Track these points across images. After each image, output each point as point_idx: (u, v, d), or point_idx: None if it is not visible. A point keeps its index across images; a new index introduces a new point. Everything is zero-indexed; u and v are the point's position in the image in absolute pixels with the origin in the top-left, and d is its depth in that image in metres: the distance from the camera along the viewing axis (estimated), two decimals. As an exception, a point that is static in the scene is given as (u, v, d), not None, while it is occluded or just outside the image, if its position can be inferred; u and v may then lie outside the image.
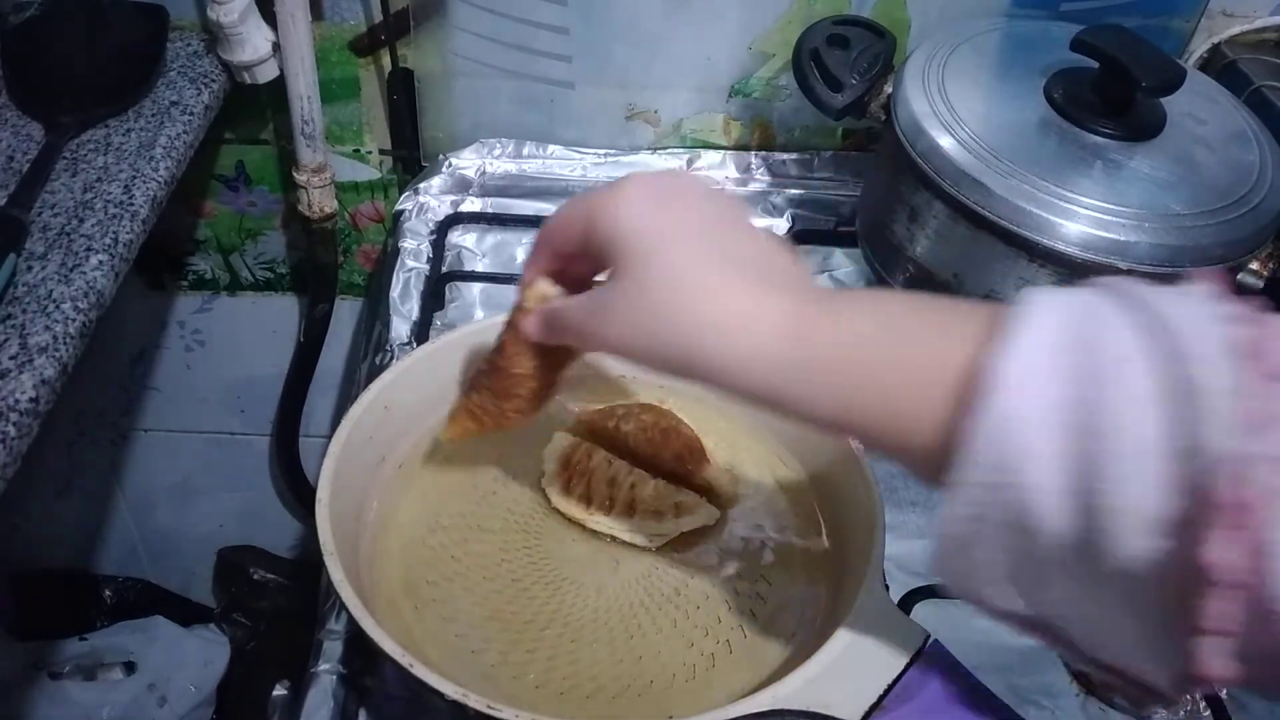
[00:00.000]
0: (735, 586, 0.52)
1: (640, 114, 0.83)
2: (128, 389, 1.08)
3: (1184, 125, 0.61)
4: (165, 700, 1.13)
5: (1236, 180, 0.58)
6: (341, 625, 0.51)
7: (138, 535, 1.25)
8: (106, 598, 1.27)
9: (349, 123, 0.86)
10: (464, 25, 0.78)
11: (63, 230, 0.59)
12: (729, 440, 0.59)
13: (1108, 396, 0.29)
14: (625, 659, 0.48)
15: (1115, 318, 0.30)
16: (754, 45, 0.79)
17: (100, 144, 0.67)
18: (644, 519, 0.53)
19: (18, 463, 0.49)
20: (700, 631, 0.49)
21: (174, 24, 0.76)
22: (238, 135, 0.87)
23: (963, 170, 0.58)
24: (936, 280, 0.62)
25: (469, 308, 0.72)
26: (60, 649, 1.15)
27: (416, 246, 0.76)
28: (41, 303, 0.54)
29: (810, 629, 0.49)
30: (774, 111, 0.83)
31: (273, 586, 1.23)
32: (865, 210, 0.71)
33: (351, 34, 0.80)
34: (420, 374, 0.56)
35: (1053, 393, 0.29)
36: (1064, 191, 0.56)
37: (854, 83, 0.66)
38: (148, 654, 1.16)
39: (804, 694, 0.41)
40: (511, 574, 0.51)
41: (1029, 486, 0.29)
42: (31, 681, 1.10)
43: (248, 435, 1.13)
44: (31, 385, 0.50)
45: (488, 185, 0.82)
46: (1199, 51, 0.79)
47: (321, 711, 0.48)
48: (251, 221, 0.94)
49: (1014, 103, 0.61)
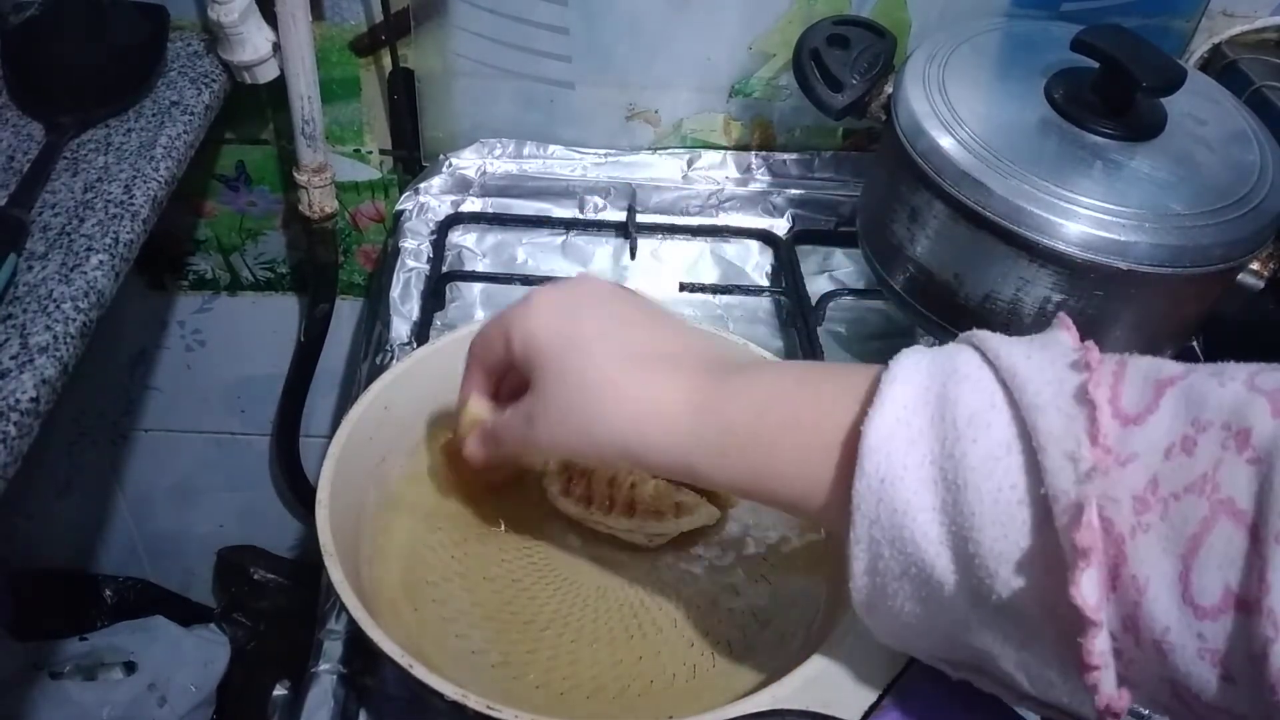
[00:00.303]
0: (735, 586, 0.52)
1: (640, 114, 0.83)
2: (128, 389, 1.08)
3: (1184, 125, 0.61)
4: (165, 700, 1.13)
5: (1237, 180, 0.58)
6: (341, 625, 0.51)
7: (138, 535, 1.25)
8: (106, 598, 1.27)
9: (349, 123, 0.86)
10: (464, 25, 0.78)
11: (63, 230, 0.59)
12: (729, 440, 0.58)
13: (967, 450, 0.31)
14: (625, 659, 0.48)
15: (974, 372, 0.32)
16: (754, 45, 0.79)
17: (101, 144, 0.67)
18: (644, 519, 0.53)
19: (18, 462, 0.49)
20: (700, 631, 0.49)
21: (174, 24, 0.76)
22: (238, 135, 0.87)
23: (963, 170, 0.58)
24: (937, 280, 0.62)
25: (469, 308, 0.72)
26: (60, 649, 1.15)
27: (417, 246, 0.76)
28: (42, 302, 0.54)
29: (810, 629, 0.49)
30: (774, 111, 0.83)
31: (273, 586, 1.23)
32: (865, 210, 0.71)
33: (352, 34, 0.80)
34: (420, 375, 0.56)
35: (921, 450, 0.32)
36: (1064, 191, 0.56)
37: (854, 83, 0.66)
38: (148, 654, 1.16)
39: (804, 694, 0.41)
40: (511, 574, 0.51)
41: (915, 538, 0.32)
42: (31, 681, 1.10)
43: (248, 435, 1.13)
44: (32, 385, 0.50)
45: (488, 185, 0.82)
46: (1199, 51, 0.79)
47: (321, 712, 0.48)
48: (252, 221, 0.94)
49: (1014, 103, 0.61)
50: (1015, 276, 0.58)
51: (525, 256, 0.77)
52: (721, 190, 0.82)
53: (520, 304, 0.44)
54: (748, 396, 0.38)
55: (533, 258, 0.77)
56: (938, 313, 0.63)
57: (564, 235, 0.79)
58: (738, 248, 0.80)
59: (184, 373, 1.07)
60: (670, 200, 0.82)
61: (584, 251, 0.78)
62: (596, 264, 0.77)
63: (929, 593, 0.33)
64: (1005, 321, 0.59)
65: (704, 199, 0.82)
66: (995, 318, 0.59)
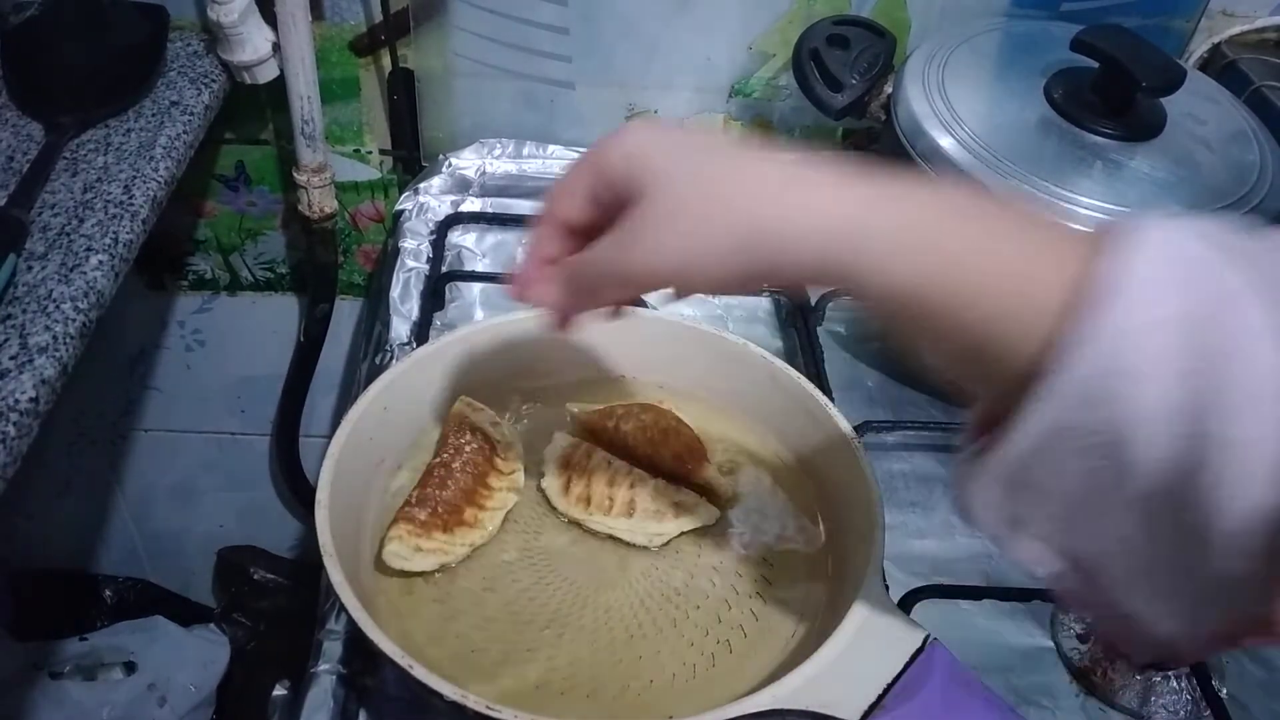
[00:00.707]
0: (735, 586, 0.52)
1: (640, 114, 0.83)
2: (128, 389, 1.08)
3: (1184, 125, 0.61)
4: (165, 700, 1.13)
5: (1237, 180, 0.58)
6: (341, 625, 0.51)
7: (138, 535, 1.25)
8: (106, 598, 1.27)
9: (349, 123, 0.86)
10: (464, 25, 0.78)
11: (63, 230, 0.59)
12: (729, 440, 0.58)
13: (1231, 322, 0.26)
14: (625, 659, 0.48)
15: (1228, 252, 0.28)
16: (754, 45, 0.79)
17: (100, 144, 0.66)
18: (644, 519, 0.53)
19: (18, 463, 0.48)
20: (700, 631, 0.49)
21: (174, 24, 0.76)
22: (238, 135, 0.87)
23: (963, 170, 0.58)
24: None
25: (469, 308, 0.72)
26: (60, 649, 1.14)
27: (416, 246, 0.76)
28: (41, 303, 0.54)
29: (810, 629, 0.49)
30: (774, 111, 0.83)
31: (273, 586, 1.23)
32: (865, 210, 0.70)
33: (352, 34, 0.80)
34: (420, 375, 0.56)
35: (1173, 306, 0.27)
36: (1064, 191, 0.56)
37: (854, 83, 0.66)
38: (148, 654, 1.15)
39: (804, 694, 0.41)
40: (511, 574, 0.51)
41: (1132, 405, 0.27)
42: (31, 681, 1.10)
43: (248, 435, 1.13)
44: (31, 385, 0.50)
45: (488, 185, 0.82)
46: (1199, 51, 0.79)
47: (321, 712, 0.48)
48: (252, 221, 0.94)
49: (1014, 103, 0.61)
50: (1015, 276, 0.58)
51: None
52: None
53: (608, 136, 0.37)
54: (935, 200, 0.32)
55: (532, 258, 0.77)
56: (937, 313, 0.63)
57: (564, 235, 0.79)
58: (737, 248, 0.80)
59: (184, 373, 1.07)
60: (670, 200, 0.82)
61: (584, 251, 0.78)
62: (596, 264, 0.77)
63: (1107, 469, 0.28)
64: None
65: (704, 199, 0.82)
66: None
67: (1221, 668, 0.54)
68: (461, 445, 0.54)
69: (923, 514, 0.61)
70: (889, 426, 0.64)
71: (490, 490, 0.53)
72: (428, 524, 0.50)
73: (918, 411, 0.68)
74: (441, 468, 0.53)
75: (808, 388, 0.56)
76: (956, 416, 0.68)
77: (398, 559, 0.49)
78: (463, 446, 0.54)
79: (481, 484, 0.53)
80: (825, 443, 0.55)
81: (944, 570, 0.58)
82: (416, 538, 0.49)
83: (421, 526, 0.50)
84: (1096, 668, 0.53)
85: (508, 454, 0.55)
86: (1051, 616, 0.56)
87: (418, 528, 0.50)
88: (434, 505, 0.51)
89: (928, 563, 0.58)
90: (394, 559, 0.49)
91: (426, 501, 0.51)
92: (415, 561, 0.49)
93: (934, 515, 0.61)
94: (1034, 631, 0.55)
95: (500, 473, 0.54)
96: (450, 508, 0.51)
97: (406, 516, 0.50)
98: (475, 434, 0.55)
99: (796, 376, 0.57)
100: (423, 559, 0.49)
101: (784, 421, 0.57)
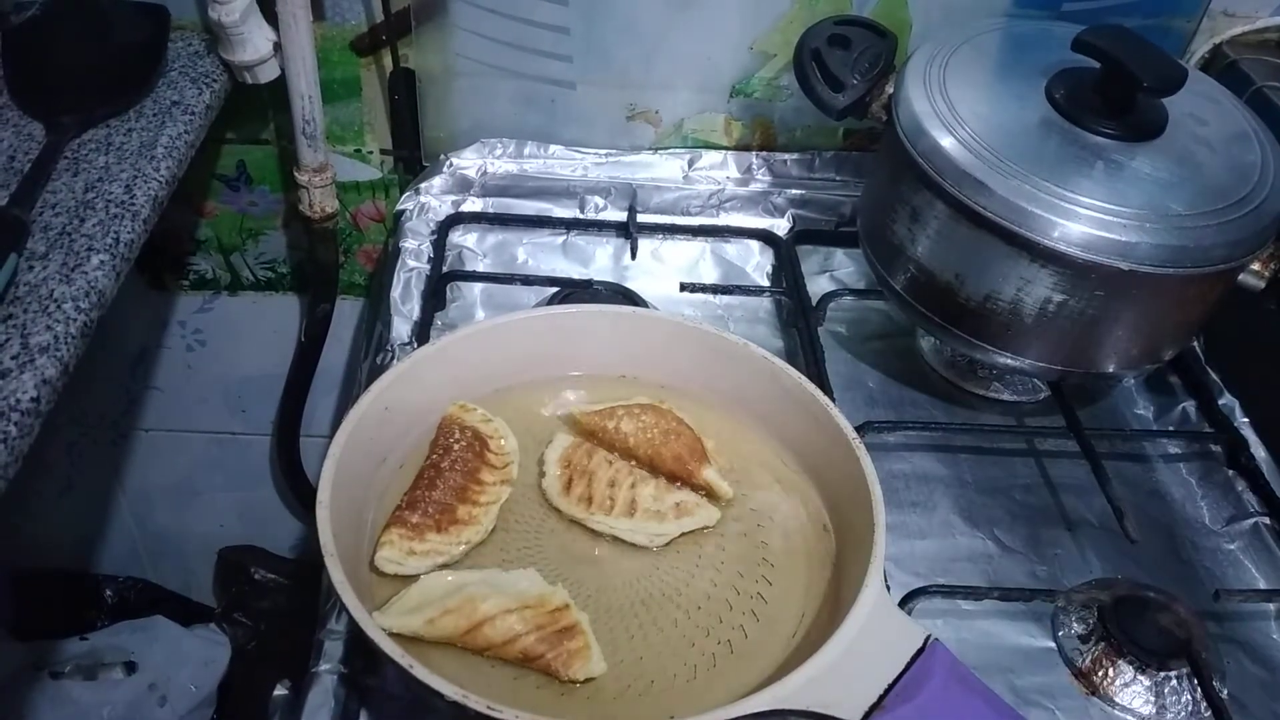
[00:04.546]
0: (735, 586, 0.52)
1: (641, 114, 0.83)
2: (128, 389, 1.08)
3: (1185, 126, 0.61)
4: (166, 700, 1.13)
5: (1238, 181, 0.58)
6: (342, 625, 0.51)
7: (138, 535, 1.25)
8: (107, 597, 1.27)
9: (350, 123, 0.86)
10: (465, 25, 0.78)
11: (64, 230, 0.59)
12: (729, 440, 0.58)
13: None
14: (625, 659, 0.48)
15: None
16: (755, 45, 0.79)
17: (101, 144, 0.67)
18: (644, 519, 0.53)
19: (19, 462, 0.48)
20: (700, 631, 0.49)
21: (175, 24, 0.76)
22: (239, 135, 0.87)
23: (964, 170, 0.58)
24: (938, 280, 0.62)
25: (470, 308, 0.72)
26: (60, 649, 1.14)
27: (417, 246, 0.76)
28: (43, 302, 0.54)
29: (810, 629, 0.49)
30: (775, 111, 0.83)
31: (273, 586, 1.23)
32: (866, 210, 0.71)
33: (353, 34, 0.80)
34: (420, 375, 0.56)
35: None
36: (1065, 192, 0.56)
37: (855, 83, 0.66)
38: (148, 654, 1.15)
39: (804, 694, 0.41)
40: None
41: None
42: (31, 681, 1.10)
43: (248, 435, 1.13)
44: (33, 385, 0.50)
45: (489, 185, 0.82)
46: (1200, 52, 0.79)
47: (322, 711, 0.48)
48: (252, 221, 0.94)
49: (1015, 103, 0.61)
50: (1016, 277, 0.58)
51: (526, 256, 0.77)
52: (722, 190, 0.82)
53: None
54: None
55: (533, 258, 0.77)
56: (938, 313, 0.63)
57: (564, 235, 0.79)
58: (738, 248, 0.80)
59: (184, 372, 1.07)
60: (671, 200, 0.82)
61: (584, 251, 0.78)
62: (597, 264, 0.77)
63: None
64: (1006, 322, 0.59)
65: (705, 199, 0.82)
66: (996, 318, 0.59)
67: (1222, 668, 0.54)
68: (450, 445, 0.54)
69: (923, 514, 0.61)
70: (890, 426, 0.64)
71: (483, 485, 0.53)
72: (420, 526, 0.50)
73: (918, 411, 0.68)
74: (431, 469, 0.53)
75: (809, 388, 0.56)
76: (957, 416, 0.68)
77: (391, 564, 0.49)
78: (451, 446, 0.54)
79: (473, 480, 0.53)
80: (826, 443, 0.55)
81: (944, 570, 0.58)
82: (409, 541, 0.49)
83: (414, 529, 0.50)
84: (1098, 668, 0.53)
85: (499, 448, 0.55)
86: (1053, 617, 0.56)
87: (410, 531, 0.50)
88: (425, 507, 0.51)
89: (928, 563, 0.58)
90: (387, 564, 0.49)
91: (417, 504, 0.51)
92: (409, 565, 0.49)
93: (934, 515, 0.61)
94: (1035, 632, 0.55)
95: (493, 467, 0.54)
96: (442, 507, 0.51)
97: (398, 520, 0.50)
98: (465, 432, 0.55)
99: (797, 376, 0.57)
100: (417, 562, 0.49)
101: (784, 421, 0.57)
